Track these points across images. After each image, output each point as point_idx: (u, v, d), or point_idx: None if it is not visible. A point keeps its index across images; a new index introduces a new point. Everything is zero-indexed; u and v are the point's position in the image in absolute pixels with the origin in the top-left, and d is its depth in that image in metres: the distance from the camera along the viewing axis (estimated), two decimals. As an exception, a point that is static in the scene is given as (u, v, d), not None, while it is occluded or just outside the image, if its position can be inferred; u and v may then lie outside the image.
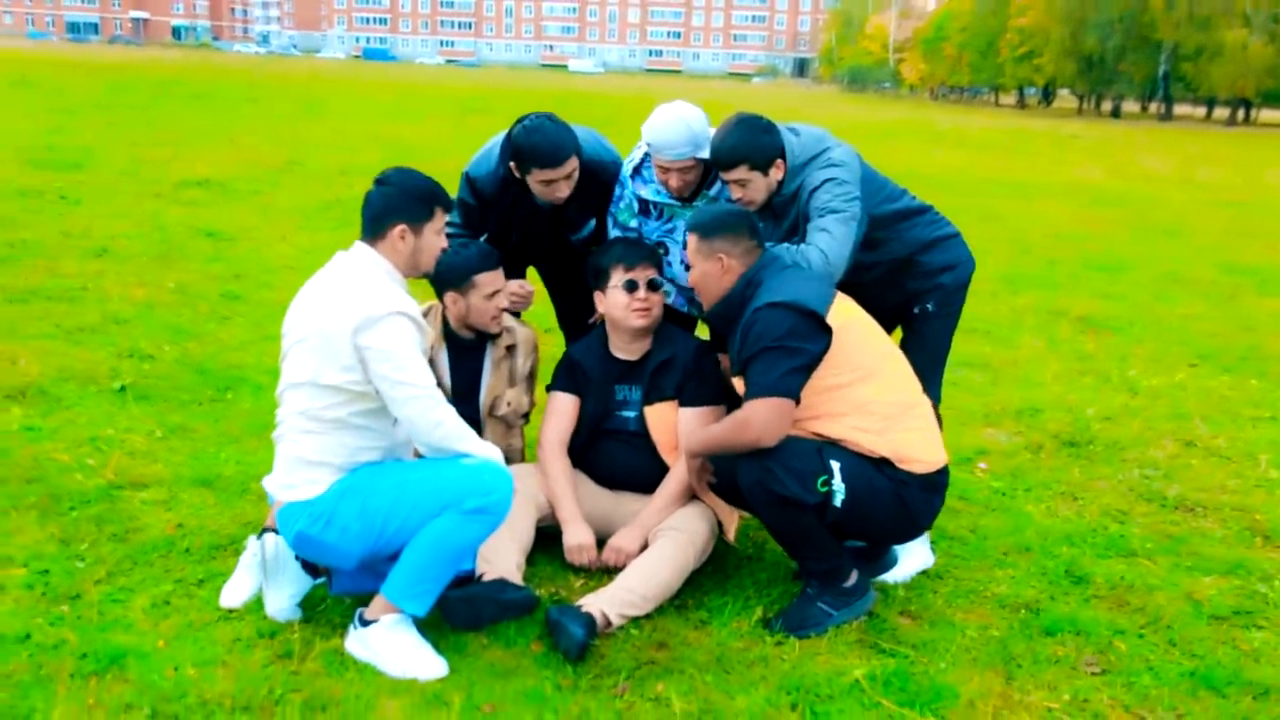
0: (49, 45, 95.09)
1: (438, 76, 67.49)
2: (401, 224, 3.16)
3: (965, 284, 4.05)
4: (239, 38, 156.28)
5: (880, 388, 3.46)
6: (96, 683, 2.97)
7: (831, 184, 3.66)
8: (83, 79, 35.14)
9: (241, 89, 34.72)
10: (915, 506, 3.46)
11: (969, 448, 5.23)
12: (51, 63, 46.46)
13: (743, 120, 3.75)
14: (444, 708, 2.95)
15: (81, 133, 17.65)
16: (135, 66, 48.37)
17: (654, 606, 3.50)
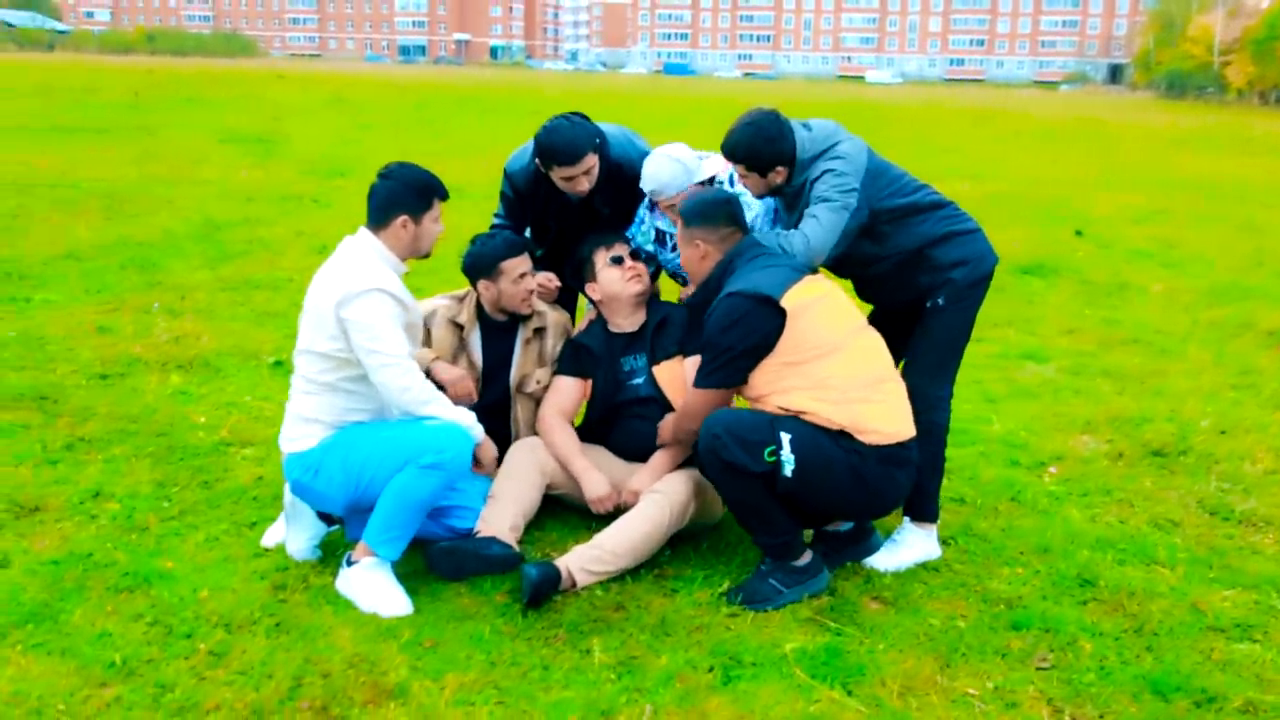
0: (382, 67, 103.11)
1: (731, 89, 68.55)
2: (404, 214, 3.57)
3: (980, 280, 4.05)
4: (550, 56, 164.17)
5: (841, 363, 3.58)
6: (124, 596, 3.52)
7: (830, 175, 3.80)
8: (393, 96, 38.12)
9: (530, 103, 36.60)
10: (873, 479, 3.55)
11: (1048, 452, 5.14)
12: (372, 83, 50.59)
13: (753, 123, 3.90)
14: (391, 640, 3.33)
15: (364, 144, 19.31)
16: (446, 84, 51.88)
17: (625, 564, 3.73)
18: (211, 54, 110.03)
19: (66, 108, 25.92)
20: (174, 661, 3.16)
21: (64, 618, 3.38)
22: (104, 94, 31.87)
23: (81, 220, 10.29)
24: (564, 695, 3.09)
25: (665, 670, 3.23)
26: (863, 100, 53.31)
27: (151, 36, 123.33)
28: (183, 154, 16.44)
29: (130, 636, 3.28)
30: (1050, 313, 8.15)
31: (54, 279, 7.99)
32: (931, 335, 4.06)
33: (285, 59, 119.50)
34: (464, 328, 4.26)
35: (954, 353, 4.11)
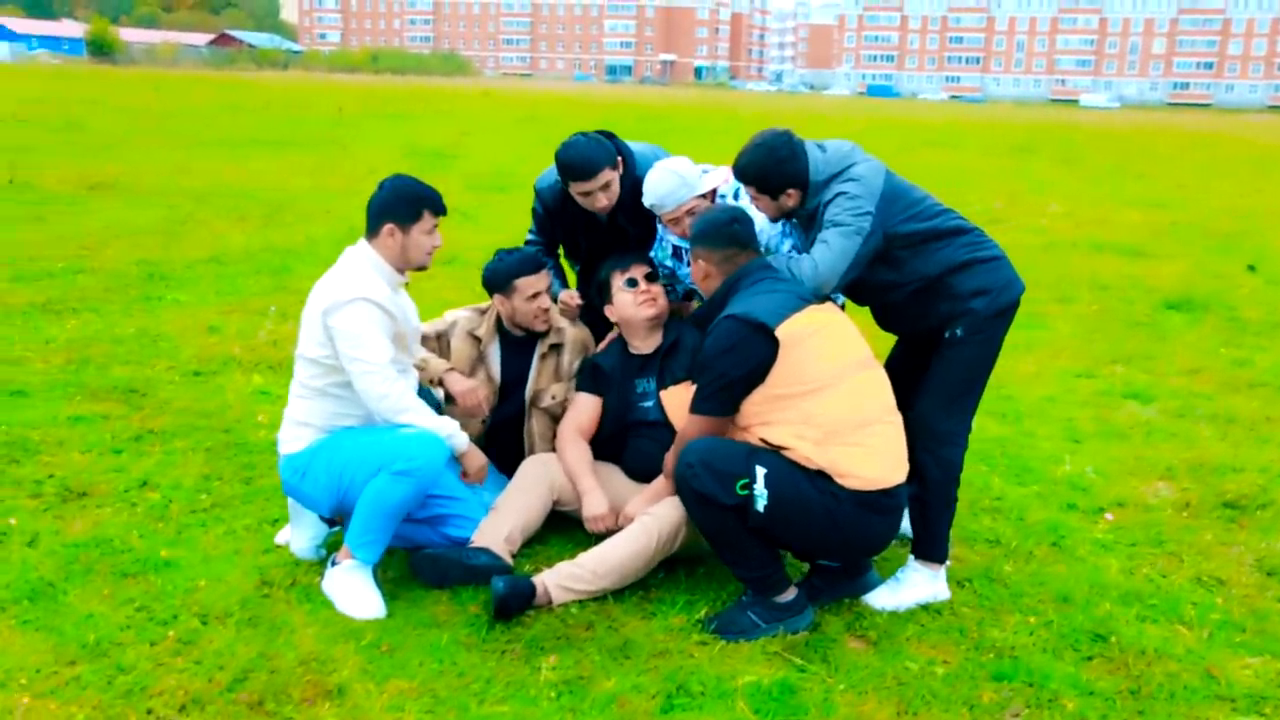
0: (587, 86, 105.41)
1: (934, 112, 67.13)
2: (390, 223, 3.66)
3: (1003, 311, 3.86)
4: (754, 77, 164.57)
5: (830, 402, 3.47)
6: (126, 581, 3.71)
7: (843, 198, 3.70)
8: (584, 114, 38.84)
9: (719, 123, 36.74)
10: (846, 524, 3.43)
11: (1111, 498, 4.85)
12: (570, 101, 51.72)
13: (764, 144, 3.82)
14: (351, 641, 3.40)
15: (534, 161, 19.76)
16: (641, 103, 52.51)
17: (605, 585, 3.71)
18: (429, 73, 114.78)
19: (274, 123, 27.51)
20: (141, 646, 3.31)
21: (62, 598, 3.58)
22: (313, 109, 33.66)
23: (239, 227, 10.89)
24: (496, 709, 3.10)
25: (609, 693, 3.19)
26: (1073, 123, 51.25)
27: (375, 56, 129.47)
28: (361, 166, 17.16)
29: (113, 620, 3.45)
30: (1178, 350, 7.67)
31: (191, 281, 8.49)
32: (947, 367, 3.89)
33: (497, 78, 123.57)
34: (482, 340, 4.32)
35: (971, 387, 3.93)
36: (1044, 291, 9.65)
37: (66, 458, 4.77)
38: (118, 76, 60.27)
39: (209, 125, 25.81)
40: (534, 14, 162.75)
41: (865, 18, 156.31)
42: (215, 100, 37.36)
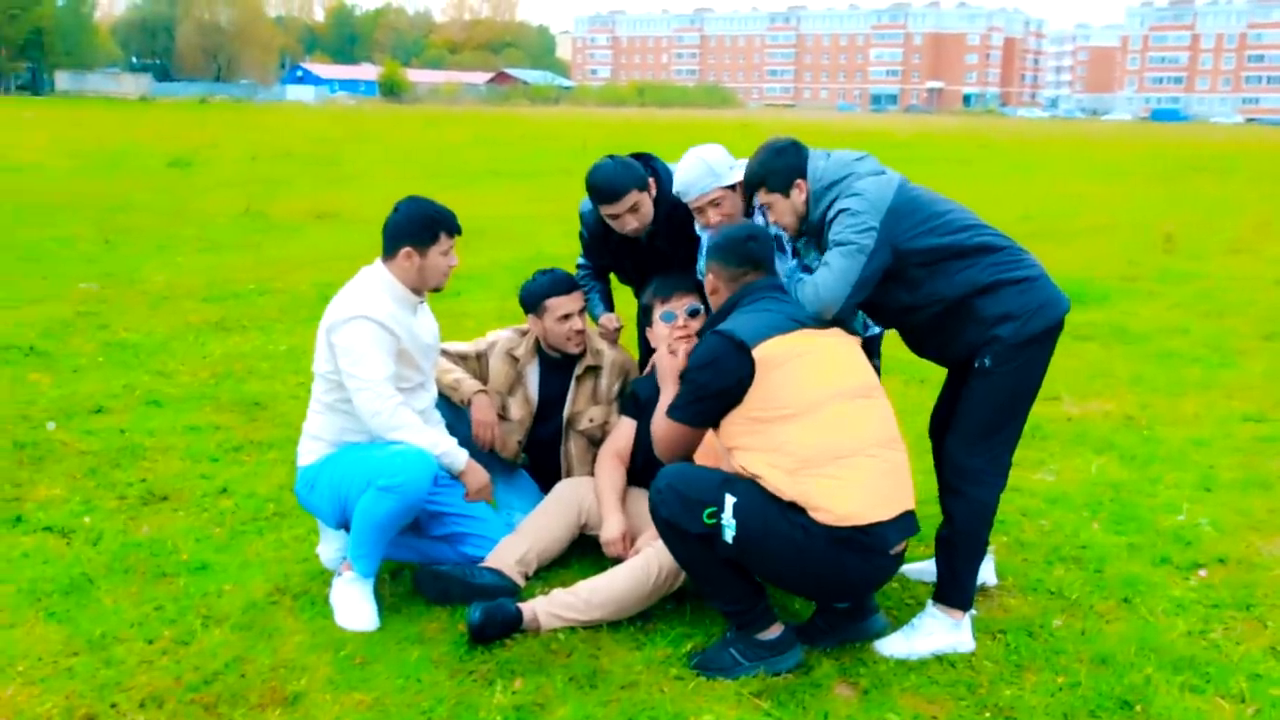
0: (848, 116, 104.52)
1: (1225, 135, 62.74)
2: (408, 246, 3.74)
3: (1036, 339, 3.55)
4: (1026, 103, 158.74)
5: (806, 430, 3.29)
6: (159, 582, 3.92)
7: (845, 215, 3.52)
8: (834, 143, 38.54)
9: (963, 151, 35.63)
10: (820, 561, 3.23)
11: (1217, 554, 4.37)
12: (820, 130, 51.32)
13: (764, 146, 3.74)
14: (330, 651, 3.47)
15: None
16: (895, 132, 51.49)
17: (599, 616, 3.63)
18: (693, 105, 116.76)
19: (517, 156, 28.66)
20: (137, 644, 3.48)
21: (95, 594, 3.82)
22: (563, 142, 34.80)
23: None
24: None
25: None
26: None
27: (642, 90, 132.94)
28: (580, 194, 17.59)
29: (126, 617, 3.65)
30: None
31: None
32: (973, 400, 3.63)
33: (760, 109, 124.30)
34: (520, 361, 4.34)
35: (1000, 422, 3.63)
36: (1250, 326, 8.85)
37: (166, 464, 5.10)
38: (398, 115, 64.29)
39: (454, 158, 27.16)
40: (798, 44, 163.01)
41: (1151, 38, 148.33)
42: (473, 134, 39.28)
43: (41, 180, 18.28)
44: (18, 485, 4.76)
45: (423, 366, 3.85)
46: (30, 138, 30.51)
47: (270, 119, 49.62)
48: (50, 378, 6.42)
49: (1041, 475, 5.26)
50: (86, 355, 6.95)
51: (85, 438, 5.39)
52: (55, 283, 9.29)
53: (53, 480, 4.82)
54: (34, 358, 6.81)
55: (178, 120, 46.13)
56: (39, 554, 4.10)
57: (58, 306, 8.32)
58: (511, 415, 4.34)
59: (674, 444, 3.52)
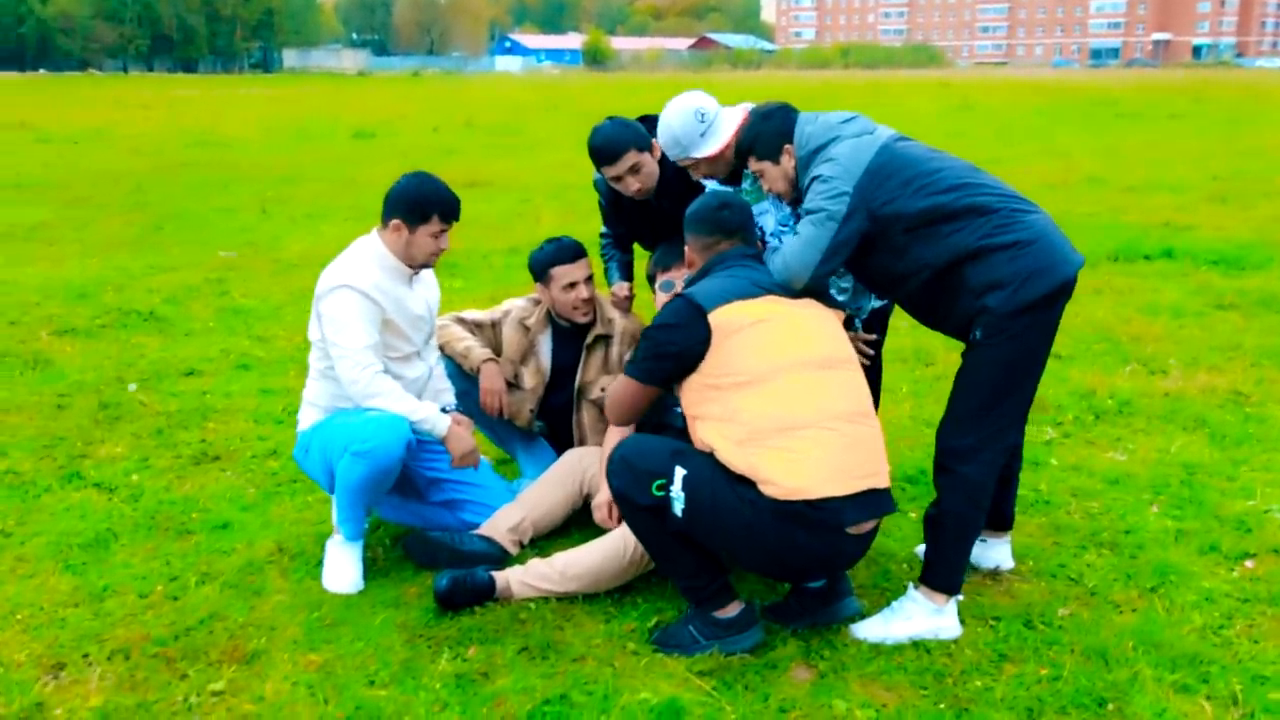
0: (1067, 72, 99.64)
1: None
2: (398, 219, 3.76)
3: (1029, 307, 3.29)
4: (1265, 52, 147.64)
5: (758, 398, 3.17)
6: (179, 538, 4.10)
7: (816, 183, 3.37)
8: (1030, 101, 36.96)
9: (1184, 105, 33.46)
10: (766, 538, 3.11)
11: (1272, 543, 4.01)
12: (1027, 87, 49.24)
13: (752, 111, 3.64)
14: (304, 611, 3.55)
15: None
16: (1110, 88, 48.78)
17: (574, 588, 3.60)
18: (899, 65, 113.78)
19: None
20: (130, 597, 3.64)
21: (115, 548, 4.02)
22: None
23: (563, 219, 11.44)
24: (374, 694, 3.12)
25: (493, 691, 3.13)
26: None
27: (846, 51, 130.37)
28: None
29: (132, 571, 3.83)
30: None
31: (474, 270, 9.10)
32: (964, 375, 3.42)
33: (970, 68, 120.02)
34: (531, 330, 4.32)
35: (993, 399, 3.40)
36: None
37: (231, 425, 5.32)
38: (598, 83, 64.97)
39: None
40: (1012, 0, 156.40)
41: None
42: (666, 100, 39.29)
43: (231, 153, 19.33)
44: (88, 443, 5.05)
45: (412, 337, 3.86)
46: (241, 113, 32.30)
47: (470, 90, 51.05)
48: (159, 341, 6.79)
49: (1113, 454, 4.92)
50: (200, 320, 7.31)
51: (166, 399, 5.68)
52: (199, 250, 9.81)
53: (119, 439, 5.10)
54: (151, 322, 7.22)
55: (382, 93, 48.00)
56: (79, 509, 4.34)
57: (192, 273, 8.78)
58: (524, 384, 4.34)
59: (622, 401, 3.45)
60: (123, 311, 7.37)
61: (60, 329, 6.97)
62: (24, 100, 39.84)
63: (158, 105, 37.33)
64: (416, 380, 3.90)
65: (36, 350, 6.48)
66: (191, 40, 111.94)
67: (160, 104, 38.18)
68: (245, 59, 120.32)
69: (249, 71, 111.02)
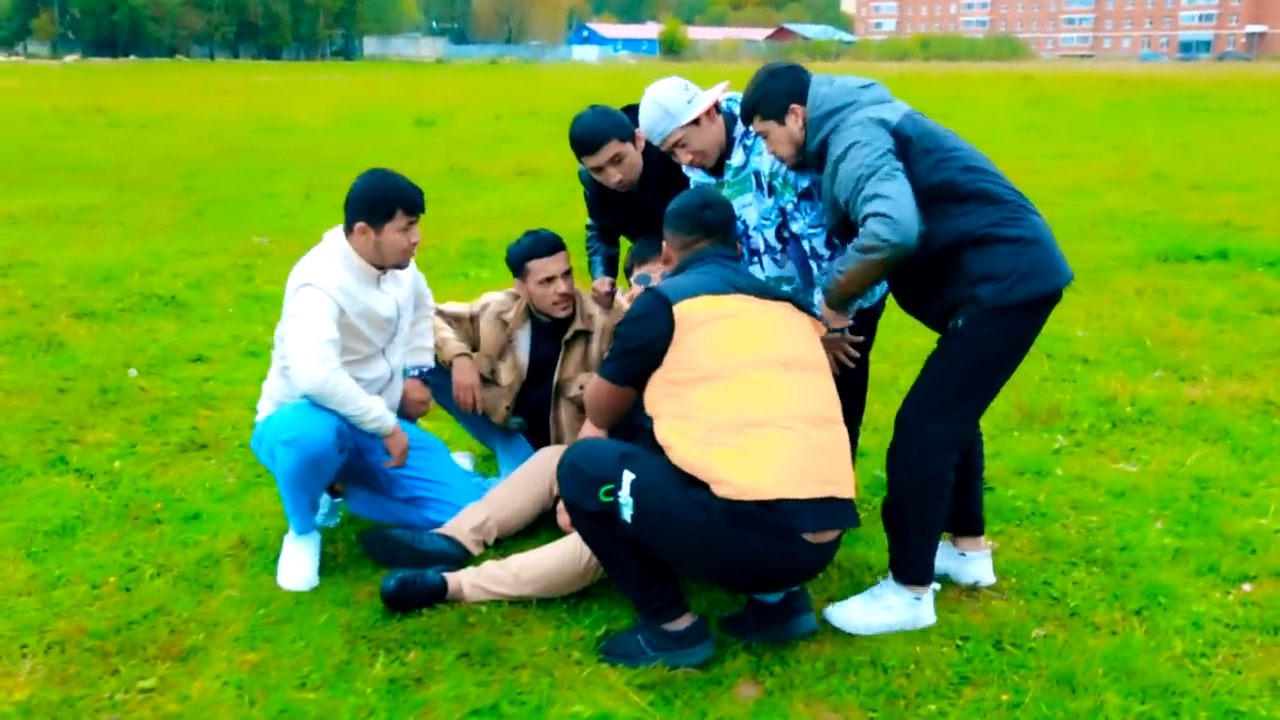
0: (1155, 66, 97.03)
1: None
2: (362, 221, 3.66)
3: (1016, 306, 3.15)
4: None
5: (716, 394, 3.04)
6: (146, 528, 4.05)
7: (855, 148, 3.20)
8: (1108, 95, 36.03)
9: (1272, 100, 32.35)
10: (722, 543, 2.96)
11: (1276, 566, 3.76)
12: (1106, 81, 48.02)
13: (760, 71, 3.52)
14: (251, 608, 3.48)
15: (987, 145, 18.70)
16: (1199, 82, 47.37)
17: (528, 592, 3.49)
18: (980, 58, 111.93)
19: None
20: (82, 588, 3.59)
21: (80, 535, 3.99)
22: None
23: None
24: (302, 696, 3.04)
25: (423, 699, 3.03)
26: None
27: (926, 43, 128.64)
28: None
29: (91, 561, 3.78)
30: None
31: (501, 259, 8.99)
32: (938, 361, 3.30)
33: (1054, 60, 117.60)
34: (509, 325, 4.22)
35: (965, 391, 3.28)
36: None
37: (226, 413, 5.29)
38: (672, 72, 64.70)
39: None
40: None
41: None
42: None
43: (293, 139, 19.52)
44: (81, 428, 5.05)
45: (372, 339, 3.75)
46: (313, 99, 32.66)
47: (542, 79, 51.19)
48: (175, 326, 6.81)
49: (1123, 465, 4.69)
50: (220, 306, 7.32)
51: (168, 385, 5.67)
52: (235, 235, 9.86)
53: (111, 425, 5.09)
54: (171, 307, 7.24)
55: (454, 81, 48.33)
56: (55, 495, 4.32)
57: (221, 258, 8.82)
58: (501, 380, 4.23)
59: (597, 403, 3.37)
60: (144, 296, 7.41)
61: (80, 312, 7.02)
62: (107, 85, 40.72)
63: (236, 91, 37.91)
64: (376, 380, 3.80)
65: (53, 333, 6.52)
66: (276, 27, 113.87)
67: (238, 90, 38.78)
68: (327, 46, 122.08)
69: (330, 59, 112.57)
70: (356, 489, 4.06)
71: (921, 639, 3.30)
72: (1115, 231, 10.43)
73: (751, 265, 3.82)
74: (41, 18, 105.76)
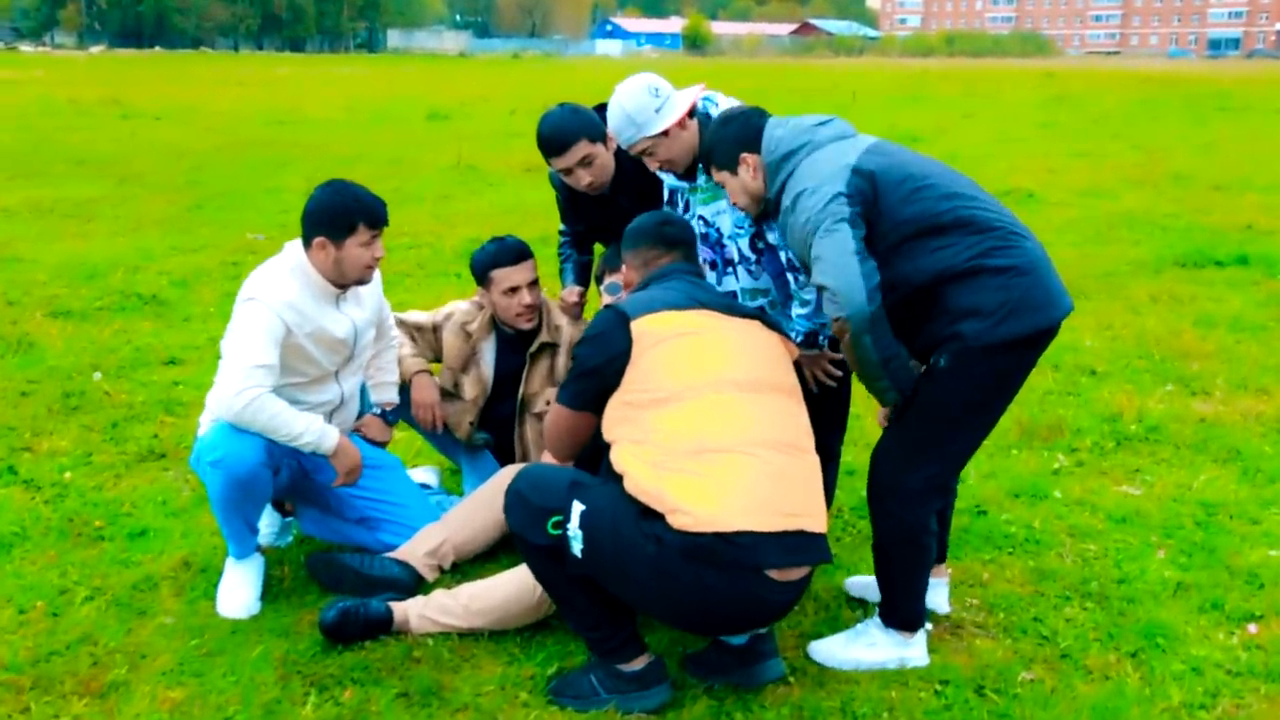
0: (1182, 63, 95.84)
1: None
2: (321, 236, 3.43)
3: (1005, 345, 2.88)
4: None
5: (675, 417, 2.82)
6: (89, 546, 3.84)
7: (803, 198, 2.95)
8: (1127, 92, 35.52)
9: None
10: (675, 580, 2.72)
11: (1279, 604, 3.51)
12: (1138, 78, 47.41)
13: (716, 117, 3.31)
14: (184, 637, 3.27)
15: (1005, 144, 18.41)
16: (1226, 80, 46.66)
17: (480, 624, 3.27)
18: (1006, 54, 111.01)
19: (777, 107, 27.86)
20: (7, 612, 3.39)
21: (16, 553, 3.78)
22: (832, 95, 33.67)
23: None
24: (222, 738, 2.83)
25: (352, 741, 2.81)
26: None
27: (951, 39, 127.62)
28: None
29: (24, 583, 3.57)
30: None
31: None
32: (917, 404, 3.00)
33: (1080, 57, 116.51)
34: (473, 336, 3.99)
35: (941, 436, 3.02)
36: None
37: (188, 420, 5.03)
38: (693, 68, 64.33)
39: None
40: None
41: None
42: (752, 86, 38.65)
43: (304, 132, 19.33)
44: (36, 435, 4.86)
45: (321, 361, 3.51)
46: (331, 92, 32.50)
47: (563, 73, 50.86)
48: (152, 326, 6.61)
49: (1126, 488, 4.43)
50: (202, 306, 7.12)
51: (135, 389, 5.47)
52: (229, 232, 9.66)
53: (69, 431, 4.89)
54: (151, 306, 7.04)
55: (474, 75, 48.14)
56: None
57: (211, 256, 8.62)
58: (464, 394, 4.01)
59: (557, 432, 3.16)
60: (125, 294, 7.21)
61: (56, 311, 6.82)
62: (127, 76, 40.68)
63: (254, 83, 37.76)
64: (325, 405, 3.57)
65: (25, 332, 6.33)
66: (300, 20, 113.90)
67: (257, 82, 38.62)
68: (351, 39, 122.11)
69: (354, 51, 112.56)
70: (306, 508, 3.84)
71: (898, 682, 3.07)
72: (1132, 234, 10.12)
73: (725, 276, 3.59)
74: (69, 9, 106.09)
